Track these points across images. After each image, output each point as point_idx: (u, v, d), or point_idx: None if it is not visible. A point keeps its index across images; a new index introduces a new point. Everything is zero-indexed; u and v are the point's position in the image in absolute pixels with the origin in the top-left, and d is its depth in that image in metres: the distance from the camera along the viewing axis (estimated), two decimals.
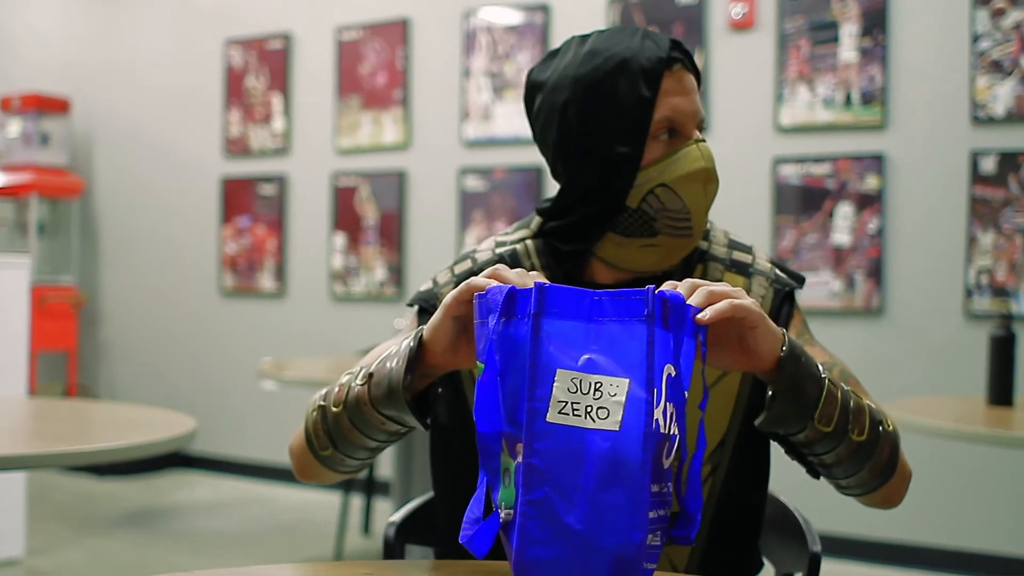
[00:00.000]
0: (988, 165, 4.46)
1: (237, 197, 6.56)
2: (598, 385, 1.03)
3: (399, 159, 5.96)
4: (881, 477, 1.33)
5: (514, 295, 1.06)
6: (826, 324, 4.74)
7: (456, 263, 1.54)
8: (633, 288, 1.09)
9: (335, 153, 6.18)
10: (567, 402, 1.02)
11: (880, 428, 1.30)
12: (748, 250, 1.51)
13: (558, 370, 1.03)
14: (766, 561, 1.63)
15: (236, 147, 6.57)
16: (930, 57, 4.61)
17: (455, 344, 1.21)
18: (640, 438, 1.02)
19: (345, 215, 6.11)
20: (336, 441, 1.35)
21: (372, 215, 6.02)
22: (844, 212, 4.72)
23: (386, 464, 5.45)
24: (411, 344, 1.23)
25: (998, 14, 4.45)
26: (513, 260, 1.49)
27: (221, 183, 6.62)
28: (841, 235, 4.73)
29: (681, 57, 1.41)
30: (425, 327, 1.24)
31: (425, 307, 1.51)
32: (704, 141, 1.41)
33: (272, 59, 6.42)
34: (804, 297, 4.77)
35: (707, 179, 1.39)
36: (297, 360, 4.90)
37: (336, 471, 1.43)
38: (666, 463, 1.06)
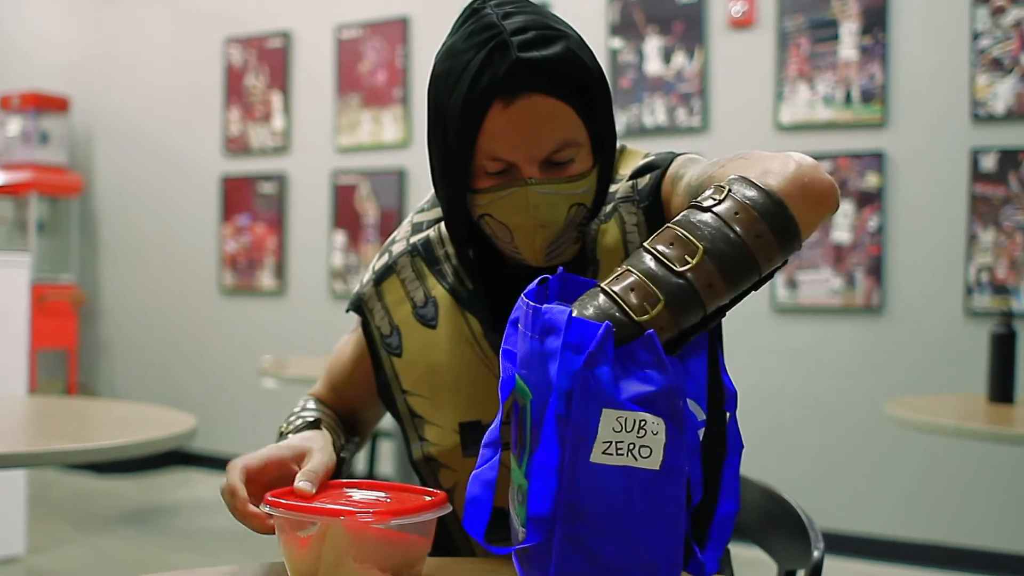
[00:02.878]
0: (988, 163, 4.46)
1: (237, 195, 6.55)
2: (642, 423, 0.99)
3: (399, 157, 5.95)
4: (785, 217, 1.09)
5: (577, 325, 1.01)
6: (826, 322, 4.74)
7: (377, 258, 1.50)
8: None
9: (335, 151, 6.18)
10: (612, 442, 1.00)
11: (736, 216, 1.06)
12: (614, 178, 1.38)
13: (604, 410, 1.00)
14: (769, 558, 1.63)
15: (236, 145, 6.56)
16: (930, 55, 4.61)
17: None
18: (678, 475, 1.01)
19: (345, 213, 6.11)
20: None
21: (372, 213, 6.02)
22: (844, 210, 4.72)
23: (386, 461, 5.45)
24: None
25: (998, 12, 4.45)
26: (426, 250, 1.44)
27: (221, 181, 6.62)
28: (841, 233, 4.72)
29: (524, 85, 1.21)
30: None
31: (358, 311, 1.50)
32: (539, 185, 1.24)
33: (272, 57, 6.42)
34: (804, 294, 4.78)
35: (531, 226, 1.26)
36: (297, 358, 4.90)
37: None
38: None
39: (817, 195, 1.13)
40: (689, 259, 1.03)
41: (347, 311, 1.52)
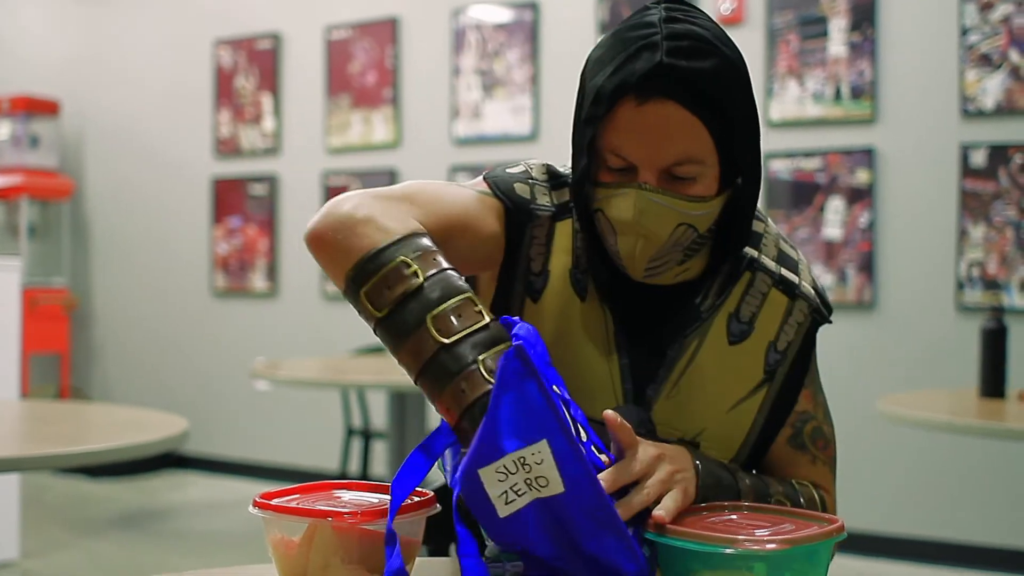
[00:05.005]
0: (978, 158, 4.47)
1: (228, 197, 6.55)
2: (521, 461, 1.02)
3: (389, 158, 5.95)
4: None
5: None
6: None
7: (553, 184, 1.38)
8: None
9: (326, 152, 6.17)
10: (506, 490, 1.03)
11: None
12: (795, 267, 1.39)
13: (478, 471, 1.02)
14: None
15: (226, 147, 6.56)
16: (919, 51, 4.62)
17: None
18: (590, 484, 1.03)
19: None
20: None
21: None
22: (835, 206, 4.73)
23: (379, 462, 5.45)
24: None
25: (986, 7, 4.46)
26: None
27: (212, 183, 6.61)
28: (832, 229, 4.73)
29: (660, 89, 1.19)
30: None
31: (508, 205, 1.36)
32: (651, 191, 1.22)
33: (261, 59, 6.41)
34: None
35: (633, 229, 1.23)
36: (290, 360, 4.90)
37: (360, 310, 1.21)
38: None
39: None
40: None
41: (488, 179, 1.36)
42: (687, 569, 1.02)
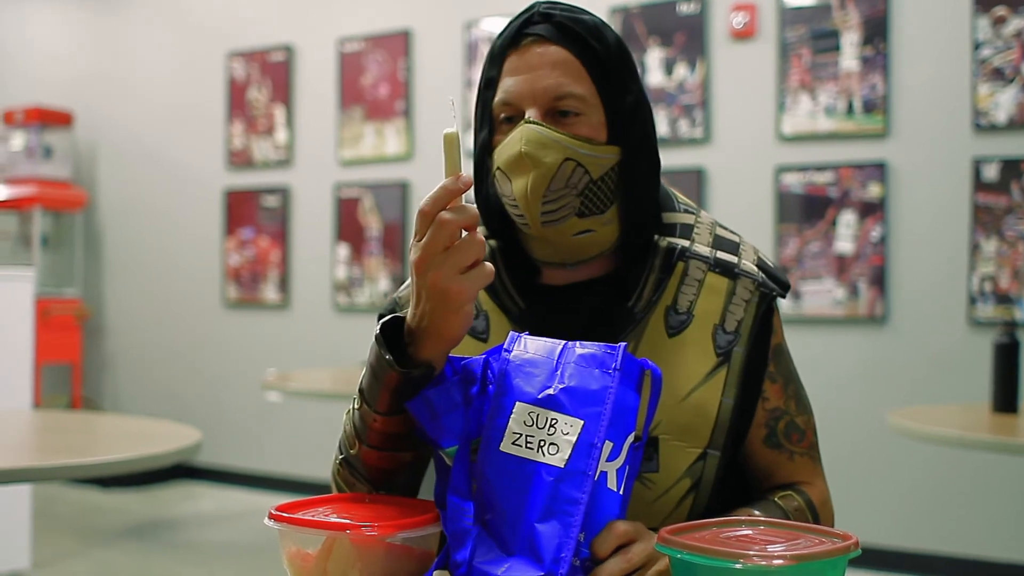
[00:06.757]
0: (990, 172, 4.46)
1: (240, 209, 6.57)
2: (553, 421, 1.07)
3: (402, 170, 5.96)
4: None
5: (488, 362, 1.13)
6: (829, 332, 4.74)
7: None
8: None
9: (338, 164, 6.19)
10: (521, 434, 1.07)
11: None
12: (734, 249, 1.40)
13: (517, 403, 1.08)
14: None
15: (239, 159, 6.58)
16: (932, 65, 4.61)
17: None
18: (581, 479, 1.05)
19: (348, 226, 6.12)
20: (375, 482, 1.27)
21: (375, 226, 6.03)
22: (847, 220, 4.73)
23: None
24: (376, 332, 1.17)
25: (999, 22, 4.46)
26: None
27: (224, 195, 6.63)
28: (844, 243, 4.73)
29: (534, 32, 1.29)
30: (418, 315, 1.15)
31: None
32: (536, 123, 1.26)
33: (274, 71, 6.44)
34: (808, 305, 4.78)
35: (522, 164, 1.26)
36: (301, 371, 4.90)
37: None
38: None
39: None
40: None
41: (379, 316, 1.30)
42: None
